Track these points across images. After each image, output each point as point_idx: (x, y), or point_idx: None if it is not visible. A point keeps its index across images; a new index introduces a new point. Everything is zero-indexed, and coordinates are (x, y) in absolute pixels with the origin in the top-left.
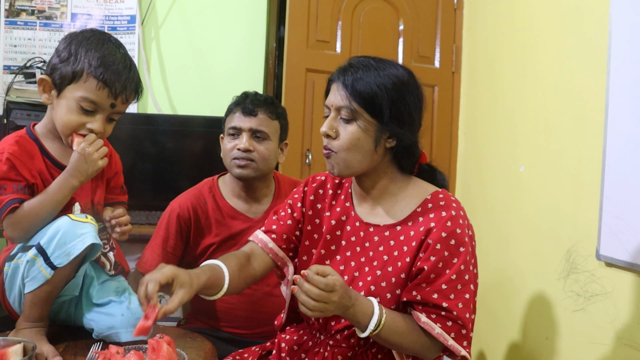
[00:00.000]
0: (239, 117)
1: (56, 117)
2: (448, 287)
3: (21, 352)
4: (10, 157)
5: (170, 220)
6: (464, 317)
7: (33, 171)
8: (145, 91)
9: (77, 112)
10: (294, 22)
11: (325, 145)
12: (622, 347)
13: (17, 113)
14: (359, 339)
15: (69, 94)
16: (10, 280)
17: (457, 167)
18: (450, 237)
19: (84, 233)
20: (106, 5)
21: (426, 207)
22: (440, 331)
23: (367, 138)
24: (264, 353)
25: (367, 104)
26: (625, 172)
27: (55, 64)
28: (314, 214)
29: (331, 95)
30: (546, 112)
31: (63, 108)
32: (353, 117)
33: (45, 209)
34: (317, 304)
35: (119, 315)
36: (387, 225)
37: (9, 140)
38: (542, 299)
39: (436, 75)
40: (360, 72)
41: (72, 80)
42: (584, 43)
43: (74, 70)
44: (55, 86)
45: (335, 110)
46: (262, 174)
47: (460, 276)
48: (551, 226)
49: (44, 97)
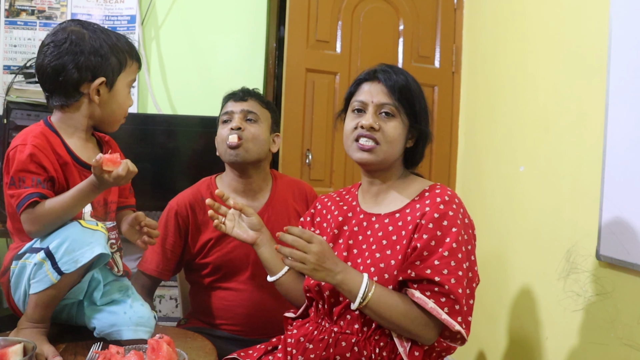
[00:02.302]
0: (231, 103)
1: (112, 109)
2: (440, 264)
3: (21, 352)
4: (34, 150)
5: (169, 218)
6: (457, 292)
7: (55, 164)
8: (145, 91)
9: (128, 95)
10: (294, 22)
11: (366, 136)
12: (622, 347)
13: (17, 113)
14: (363, 326)
15: (120, 83)
16: (17, 279)
17: (457, 167)
18: (442, 218)
19: (93, 241)
20: (106, 5)
21: (423, 195)
22: (434, 306)
23: (402, 134)
24: (270, 348)
25: (407, 103)
26: (625, 172)
27: (96, 64)
28: (322, 220)
29: (369, 92)
30: (546, 112)
31: (120, 97)
32: (396, 113)
33: (65, 212)
34: (295, 251)
35: (121, 314)
36: (387, 213)
37: (33, 132)
38: (542, 299)
39: (436, 75)
40: (398, 74)
41: (120, 70)
42: (584, 43)
43: (119, 60)
44: (108, 83)
45: (376, 106)
46: (254, 157)
47: (453, 254)
48: (551, 226)
49: (96, 99)
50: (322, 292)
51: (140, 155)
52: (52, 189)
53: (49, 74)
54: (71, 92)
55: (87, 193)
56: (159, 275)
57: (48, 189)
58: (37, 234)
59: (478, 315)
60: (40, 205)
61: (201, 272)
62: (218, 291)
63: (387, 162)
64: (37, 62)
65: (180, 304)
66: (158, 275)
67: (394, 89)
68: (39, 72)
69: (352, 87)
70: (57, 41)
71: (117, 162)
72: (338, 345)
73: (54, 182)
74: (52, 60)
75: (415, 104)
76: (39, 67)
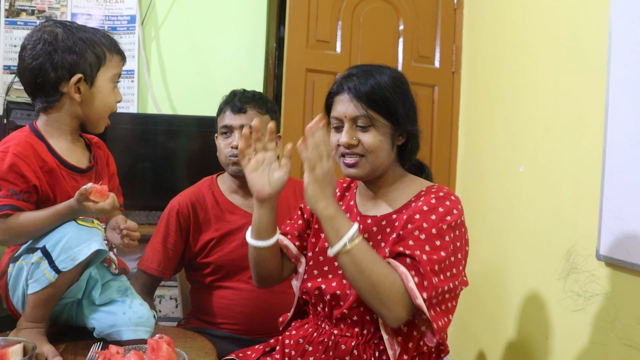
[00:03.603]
0: (229, 115)
1: (95, 106)
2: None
3: (21, 352)
4: (14, 159)
5: (170, 217)
6: (426, 267)
7: (38, 172)
8: (145, 91)
9: (113, 91)
10: (294, 22)
11: (348, 153)
12: (622, 347)
13: (17, 113)
14: (363, 329)
15: (102, 79)
16: (14, 281)
17: (457, 167)
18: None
19: (90, 238)
20: (106, 5)
21: (420, 196)
22: (404, 270)
23: (386, 140)
24: (268, 349)
25: (381, 109)
26: (625, 172)
27: (71, 61)
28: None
29: (341, 107)
30: (546, 112)
31: (102, 93)
32: (371, 123)
33: (37, 229)
34: (313, 156)
35: (120, 314)
36: (383, 215)
37: (16, 139)
38: (542, 299)
39: (436, 75)
40: (364, 80)
41: (99, 65)
42: (584, 43)
43: (97, 55)
44: (87, 79)
45: (349, 121)
46: None
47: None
48: (551, 226)
49: (77, 97)
50: (323, 295)
51: (140, 155)
52: (29, 201)
53: (28, 76)
54: (51, 92)
55: (63, 216)
56: (160, 275)
57: (24, 201)
58: (6, 243)
59: (478, 315)
60: (13, 218)
61: (202, 272)
62: (219, 290)
63: (377, 170)
64: (17, 66)
65: (180, 304)
66: (159, 274)
67: (361, 99)
68: (19, 77)
69: (326, 99)
70: (32, 43)
71: (106, 195)
72: (338, 348)
73: (35, 191)
74: (29, 63)
75: (391, 105)
76: (19, 71)
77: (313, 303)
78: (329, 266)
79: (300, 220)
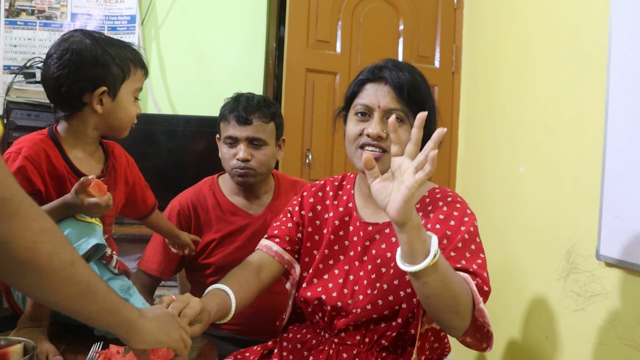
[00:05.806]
0: (234, 126)
1: (117, 118)
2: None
3: (22, 351)
4: (24, 162)
5: (171, 217)
6: (482, 275)
7: (46, 177)
8: (145, 91)
9: (134, 103)
10: (294, 22)
11: (372, 145)
12: (622, 347)
13: (17, 113)
14: (364, 337)
15: (124, 92)
16: None
17: (457, 167)
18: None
19: (89, 233)
20: (106, 5)
21: (424, 202)
22: (466, 275)
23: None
24: (265, 352)
25: (417, 105)
26: (625, 172)
27: (97, 74)
28: (314, 215)
29: (371, 97)
30: (546, 112)
31: (123, 106)
32: (405, 118)
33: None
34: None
35: None
36: (385, 222)
37: (31, 142)
38: (542, 299)
39: (436, 75)
40: (402, 74)
41: (124, 79)
42: (584, 43)
43: (122, 69)
44: (110, 92)
45: (382, 112)
46: (262, 178)
47: (472, 239)
48: (551, 226)
49: (98, 108)
50: (324, 305)
51: (141, 155)
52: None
53: (52, 85)
54: (74, 102)
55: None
56: (161, 275)
57: None
58: None
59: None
60: None
61: (203, 272)
62: None
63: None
64: (42, 74)
65: None
66: (159, 274)
67: (402, 91)
68: (43, 84)
69: (355, 86)
70: (59, 52)
71: (103, 192)
72: (339, 356)
73: (39, 196)
74: (54, 72)
75: (424, 105)
76: (43, 78)
77: (311, 311)
78: (329, 275)
79: (290, 223)
